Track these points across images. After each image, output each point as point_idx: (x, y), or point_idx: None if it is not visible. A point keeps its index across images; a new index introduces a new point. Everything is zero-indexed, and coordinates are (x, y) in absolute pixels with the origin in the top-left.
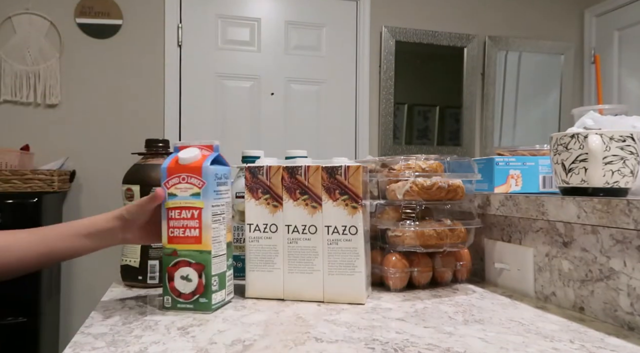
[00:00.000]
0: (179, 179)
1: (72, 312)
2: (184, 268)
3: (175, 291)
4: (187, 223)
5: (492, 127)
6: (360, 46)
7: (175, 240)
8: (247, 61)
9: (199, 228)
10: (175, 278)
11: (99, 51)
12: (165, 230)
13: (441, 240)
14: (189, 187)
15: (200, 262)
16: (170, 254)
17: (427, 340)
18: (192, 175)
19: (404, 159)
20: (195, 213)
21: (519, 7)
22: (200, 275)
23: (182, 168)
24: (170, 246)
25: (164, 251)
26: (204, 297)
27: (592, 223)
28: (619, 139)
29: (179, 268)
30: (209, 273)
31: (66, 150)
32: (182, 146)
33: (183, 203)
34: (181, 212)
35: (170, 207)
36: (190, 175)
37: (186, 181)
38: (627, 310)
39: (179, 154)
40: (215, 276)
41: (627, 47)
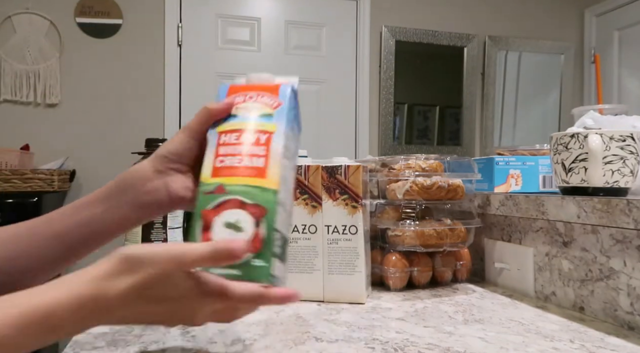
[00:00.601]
0: (244, 97)
1: None
2: (232, 210)
3: None
4: (247, 149)
5: (492, 126)
6: (360, 46)
7: (224, 171)
8: (247, 61)
9: (265, 158)
10: (215, 225)
11: (99, 51)
12: (210, 161)
13: (441, 240)
14: (257, 107)
15: (261, 203)
16: (212, 191)
17: (427, 340)
18: (265, 93)
19: (404, 158)
20: (262, 138)
21: (519, 7)
22: (257, 222)
23: (250, 87)
24: (215, 180)
25: (202, 188)
26: (260, 259)
27: (592, 223)
28: (619, 138)
29: (223, 211)
30: (271, 222)
31: (66, 149)
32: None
33: (245, 124)
34: (240, 135)
35: (225, 130)
36: (262, 93)
37: (255, 100)
38: (627, 310)
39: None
40: (278, 233)
41: (627, 47)
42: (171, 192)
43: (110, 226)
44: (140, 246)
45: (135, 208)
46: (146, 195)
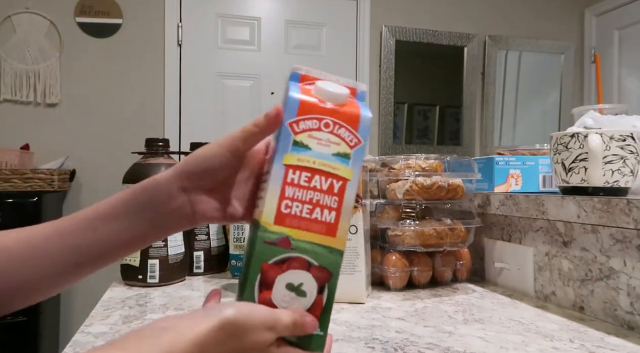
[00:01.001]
0: (318, 123)
1: (72, 311)
2: (297, 271)
3: (271, 307)
4: (319, 197)
5: (492, 126)
6: (360, 45)
7: (291, 220)
8: (247, 60)
9: (337, 212)
10: (277, 285)
11: (99, 50)
12: (274, 200)
13: (441, 240)
14: (334, 141)
15: (327, 266)
16: (275, 242)
17: (427, 340)
18: (342, 123)
19: (404, 158)
20: (336, 186)
21: (519, 7)
22: (321, 288)
23: (326, 109)
24: (279, 229)
25: (262, 234)
26: (319, 328)
27: (592, 223)
28: (619, 138)
29: (287, 270)
30: (333, 288)
31: (66, 149)
32: (308, 76)
33: (320, 163)
34: (313, 177)
35: (295, 164)
36: (339, 123)
37: (331, 130)
38: (627, 310)
39: (318, 84)
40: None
41: (627, 46)
42: (197, 213)
43: (127, 243)
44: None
45: (155, 227)
46: (169, 215)
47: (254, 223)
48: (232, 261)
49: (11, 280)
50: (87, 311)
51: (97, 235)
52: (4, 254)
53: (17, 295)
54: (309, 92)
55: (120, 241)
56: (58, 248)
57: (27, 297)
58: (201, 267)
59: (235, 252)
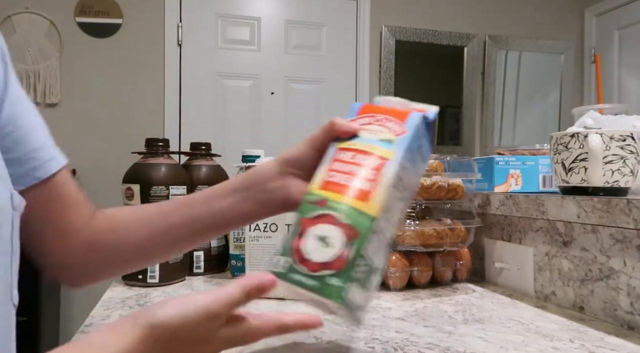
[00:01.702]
0: (371, 119)
1: (72, 311)
2: (326, 225)
3: (298, 253)
4: (358, 170)
5: (492, 126)
6: (360, 45)
7: (330, 186)
8: (247, 60)
9: (374, 182)
10: (308, 235)
11: (99, 50)
12: (322, 172)
13: (441, 240)
14: (381, 130)
15: (355, 225)
16: (315, 202)
17: (427, 340)
18: (391, 118)
19: None
20: (376, 162)
21: (519, 7)
22: (347, 243)
23: (383, 110)
24: (320, 192)
25: (307, 197)
26: (338, 277)
27: (592, 223)
28: (619, 138)
29: (318, 223)
30: (360, 247)
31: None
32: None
33: (365, 146)
34: (356, 155)
35: (345, 147)
36: (389, 118)
37: (381, 123)
38: (627, 310)
39: (385, 97)
40: (364, 259)
41: (627, 46)
42: (288, 193)
43: (235, 218)
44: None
45: (257, 204)
46: (267, 193)
47: None
48: (232, 261)
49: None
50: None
51: (210, 208)
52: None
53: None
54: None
55: (229, 215)
56: (182, 219)
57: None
58: (201, 267)
59: (235, 252)
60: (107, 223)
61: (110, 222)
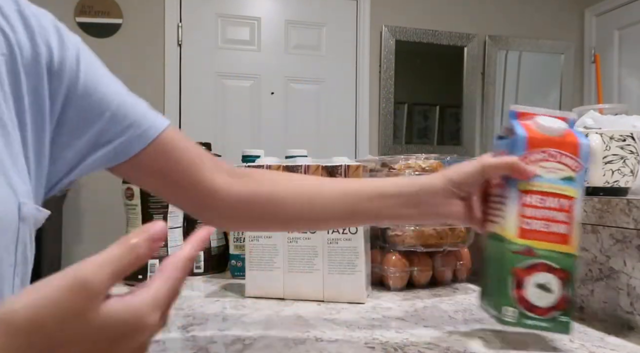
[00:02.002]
0: (546, 155)
1: None
2: (542, 273)
3: (524, 302)
4: (552, 215)
5: (492, 126)
6: (360, 45)
7: (531, 234)
8: (247, 60)
9: (569, 225)
10: (527, 284)
11: (99, 50)
12: (514, 219)
13: (441, 240)
14: (559, 168)
15: (565, 268)
16: (521, 252)
17: (427, 340)
18: (565, 153)
19: (404, 158)
20: (565, 204)
21: (519, 7)
22: (563, 285)
23: (550, 141)
24: (523, 242)
25: (508, 245)
26: (566, 316)
27: (592, 223)
28: (619, 138)
29: (534, 273)
30: (573, 285)
31: None
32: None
33: (550, 187)
34: (546, 199)
35: (528, 189)
36: (562, 153)
37: (557, 160)
38: (627, 310)
39: (537, 120)
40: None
41: (628, 46)
42: (448, 212)
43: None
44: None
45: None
46: (431, 207)
47: (494, 236)
48: (232, 261)
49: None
50: None
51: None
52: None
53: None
54: (531, 128)
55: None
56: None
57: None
58: (201, 267)
59: (236, 252)
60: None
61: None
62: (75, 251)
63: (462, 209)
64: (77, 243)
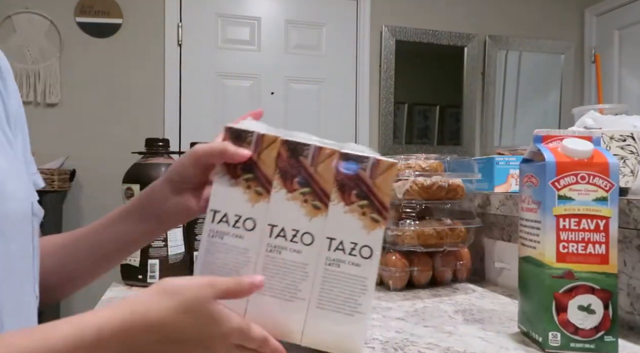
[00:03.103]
0: (576, 178)
1: (72, 311)
2: (584, 295)
3: (569, 326)
4: (589, 236)
5: (492, 126)
6: (360, 45)
7: (570, 258)
8: (247, 60)
9: (606, 244)
10: (570, 308)
11: (99, 50)
12: (551, 244)
13: (441, 240)
14: (591, 189)
15: (606, 288)
16: (561, 276)
17: (427, 340)
18: (595, 173)
19: (404, 158)
20: (600, 224)
21: (520, 7)
22: (606, 305)
23: (579, 164)
24: (562, 265)
25: (549, 271)
26: (610, 335)
27: None
28: (619, 138)
29: (576, 296)
30: (615, 304)
31: (66, 149)
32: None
33: (584, 210)
34: (580, 221)
35: (563, 214)
36: (593, 174)
37: (587, 181)
38: (627, 310)
39: (564, 144)
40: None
41: (628, 46)
42: (189, 208)
43: (139, 237)
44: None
45: (159, 222)
46: (167, 212)
47: (531, 260)
48: None
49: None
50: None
51: (113, 232)
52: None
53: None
54: (558, 152)
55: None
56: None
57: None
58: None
59: None
60: None
61: None
62: None
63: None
64: None
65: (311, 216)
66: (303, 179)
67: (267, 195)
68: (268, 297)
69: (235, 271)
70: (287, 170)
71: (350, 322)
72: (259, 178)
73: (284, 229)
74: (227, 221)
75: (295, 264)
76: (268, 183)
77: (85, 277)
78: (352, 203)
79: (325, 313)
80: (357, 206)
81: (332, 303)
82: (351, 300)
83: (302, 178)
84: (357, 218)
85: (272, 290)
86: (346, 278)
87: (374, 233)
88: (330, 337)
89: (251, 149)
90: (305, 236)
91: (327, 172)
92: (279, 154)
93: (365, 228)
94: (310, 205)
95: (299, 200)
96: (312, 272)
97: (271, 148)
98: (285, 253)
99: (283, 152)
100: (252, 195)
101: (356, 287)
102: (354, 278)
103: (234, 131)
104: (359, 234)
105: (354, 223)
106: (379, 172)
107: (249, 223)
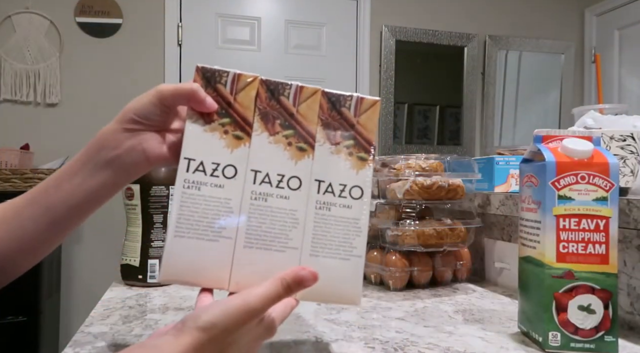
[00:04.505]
0: (576, 178)
1: (72, 310)
2: (584, 295)
3: (569, 325)
4: (589, 236)
5: (492, 126)
6: (360, 45)
7: (570, 257)
8: (247, 60)
9: (606, 244)
10: (570, 308)
11: (99, 50)
12: (552, 244)
13: (441, 240)
14: (592, 189)
15: (606, 288)
16: (561, 276)
17: (427, 340)
18: (595, 173)
19: (404, 158)
20: (600, 224)
21: (520, 7)
22: (606, 305)
23: (579, 164)
24: (562, 265)
25: (549, 271)
26: (610, 335)
27: None
28: (619, 138)
29: (576, 296)
30: (615, 304)
31: (66, 149)
32: (549, 135)
33: (584, 209)
34: (580, 221)
35: (563, 214)
36: (593, 174)
37: (587, 181)
38: (627, 310)
39: (564, 143)
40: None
41: (628, 46)
42: (147, 150)
43: (92, 195)
44: (205, 309)
45: (115, 172)
46: (122, 158)
47: (531, 260)
48: None
49: (12, 246)
50: (87, 311)
51: (62, 192)
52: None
53: (17, 258)
54: (558, 152)
55: (85, 192)
56: (35, 211)
57: (26, 259)
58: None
59: None
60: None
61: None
62: (75, 250)
63: (162, 142)
64: (76, 243)
65: (297, 159)
66: (285, 121)
67: (248, 139)
68: (256, 249)
69: (216, 223)
70: (267, 112)
71: (346, 267)
72: (237, 121)
73: (269, 174)
74: (203, 170)
75: (283, 211)
76: (248, 126)
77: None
78: (338, 144)
79: (320, 260)
80: (343, 147)
81: (326, 249)
82: (345, 244)
83: (284, 120)
84: (343, 158)
85: (260, 241)
86: (338, 222)
87: (363, 173)
88: (327, 286)
89: (227, 91)
90: (292, 180)
91: (311, 112)
92: (257, 95)
93: (354, 168)
94: (295, 148)
95: (282, 143)
96: (302, 218)
97: (249, 88)
98: (272, 200)
99: (262, 93)
100: (230, 140)
101: (349, 229)
102: (346, 221)
103: (206, 70)
104: (347, 174)
105: (342, 164)
106: (363, 110)
107: (229, 170)
